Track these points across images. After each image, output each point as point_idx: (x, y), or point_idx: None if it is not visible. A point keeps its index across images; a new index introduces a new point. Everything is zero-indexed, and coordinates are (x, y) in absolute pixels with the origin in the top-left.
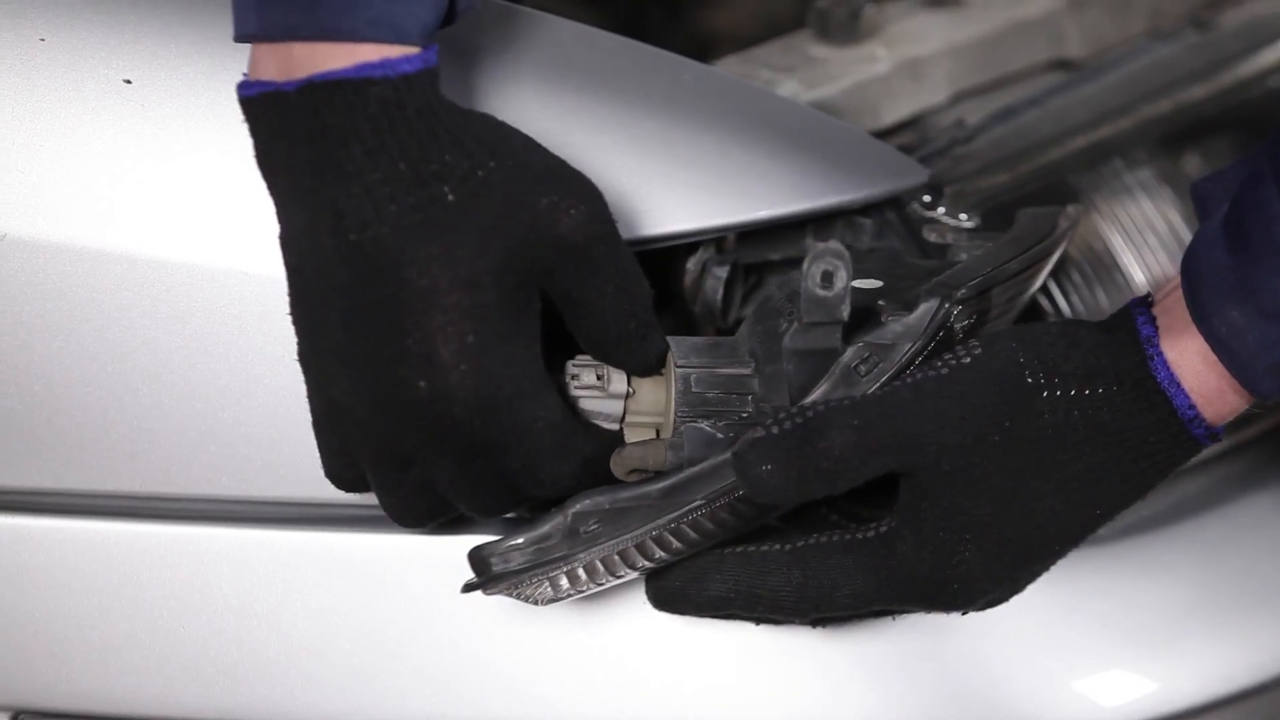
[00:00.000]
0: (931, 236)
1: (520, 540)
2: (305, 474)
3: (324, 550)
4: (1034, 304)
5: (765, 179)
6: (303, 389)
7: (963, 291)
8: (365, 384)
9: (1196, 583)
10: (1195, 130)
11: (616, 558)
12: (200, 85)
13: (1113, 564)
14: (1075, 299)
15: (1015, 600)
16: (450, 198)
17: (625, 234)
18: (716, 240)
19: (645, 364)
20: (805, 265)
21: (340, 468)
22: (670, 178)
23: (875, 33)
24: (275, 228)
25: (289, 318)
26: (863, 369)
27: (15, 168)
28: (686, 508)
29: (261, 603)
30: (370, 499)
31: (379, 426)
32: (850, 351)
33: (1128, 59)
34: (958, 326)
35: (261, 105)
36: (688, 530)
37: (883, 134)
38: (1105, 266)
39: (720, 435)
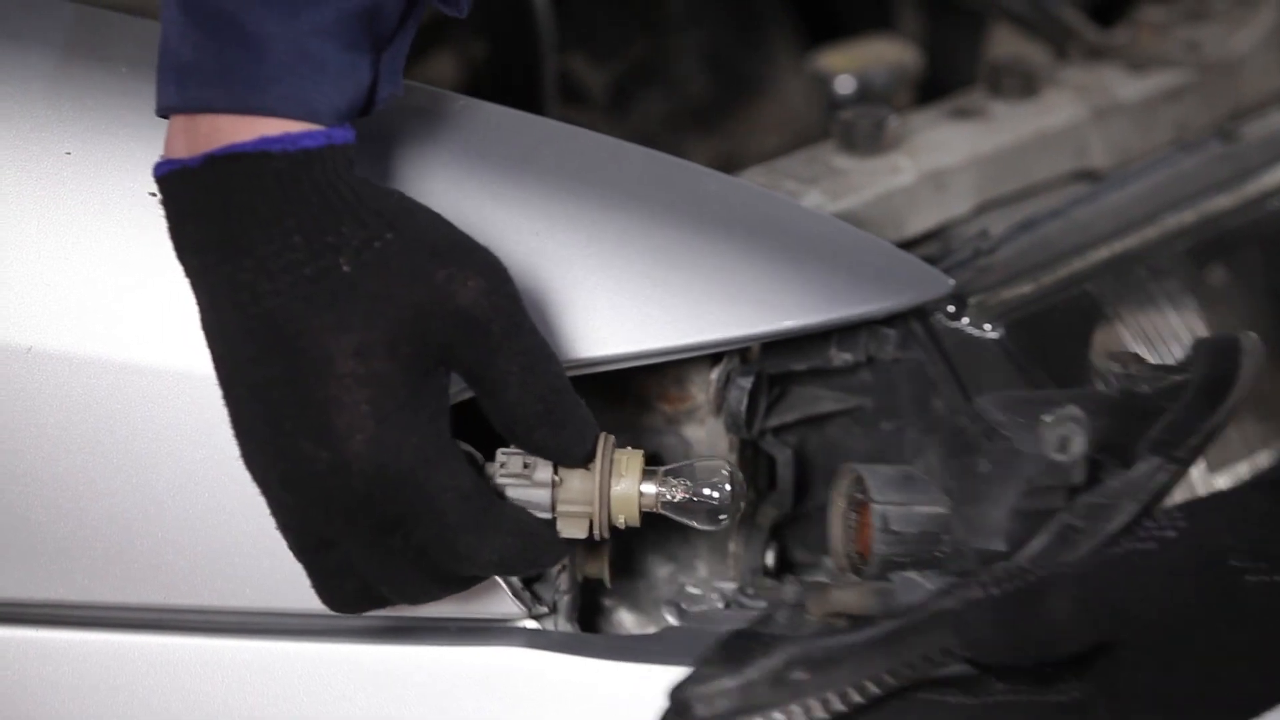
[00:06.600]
0: (1114, 368)
1: (729, 685)
2: None
3: (352, 663)
4: None
5: (789, 290)
6: None
7: (1183, 453)
8: (273, 461)
9: None
10: (1220, 241)
11: (815, 701)
12: None
13: None
14: None
15: None
16: (345, 268)
17: (647, 346)
18: (741, 351)
19: (563, 452)
20: (1041, 431)
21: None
22: (694, 288)
23: (899, 144)
24: None
25: None
26: (1080, 526)
27: (41, 280)
28: (897, 660)
29: (288, 716)
30: (397, 609)
31: (290, 504)
32: (1069, 510)
33: (1152, 169)
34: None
35: (170, 183)
36: (888, 679)
37: (907, 244)
38: None
39: (930, 585)
